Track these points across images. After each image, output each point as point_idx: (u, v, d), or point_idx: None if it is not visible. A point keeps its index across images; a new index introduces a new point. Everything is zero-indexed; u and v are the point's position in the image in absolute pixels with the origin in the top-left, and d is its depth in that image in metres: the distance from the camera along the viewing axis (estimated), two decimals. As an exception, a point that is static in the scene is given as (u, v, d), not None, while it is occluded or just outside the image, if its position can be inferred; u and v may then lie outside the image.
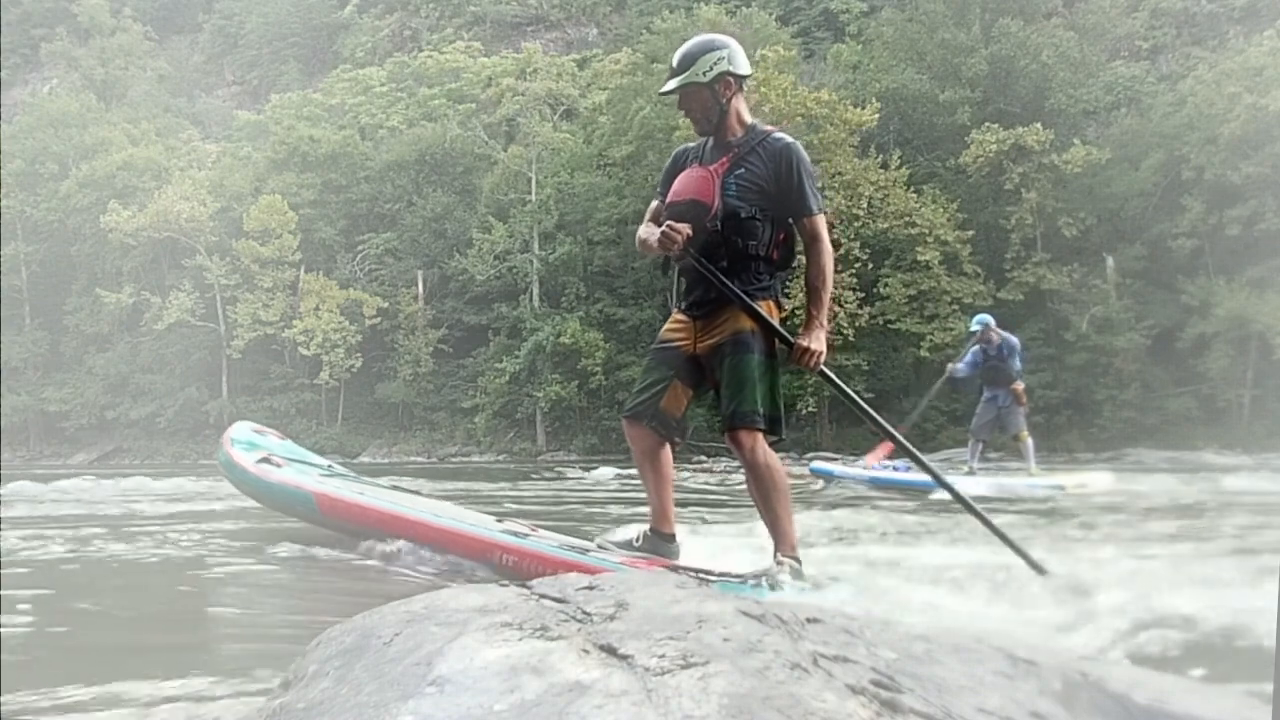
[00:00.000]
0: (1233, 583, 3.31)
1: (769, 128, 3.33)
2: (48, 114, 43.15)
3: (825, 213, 3.27)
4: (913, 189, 28.10)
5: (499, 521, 4.07)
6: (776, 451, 3.25)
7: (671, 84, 3.29)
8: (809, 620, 1.47)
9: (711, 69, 3.24)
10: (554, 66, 38.73)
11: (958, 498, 3.48)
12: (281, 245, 35.75)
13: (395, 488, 5.29)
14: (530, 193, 34.34)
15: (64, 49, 53.03)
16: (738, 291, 3.19)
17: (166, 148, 42.35)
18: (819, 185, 3.48)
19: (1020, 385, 9.77)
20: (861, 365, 27.48)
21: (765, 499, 3.22)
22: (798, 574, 3.16)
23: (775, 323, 3.24)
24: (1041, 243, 27.52)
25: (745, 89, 3.37)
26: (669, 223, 3.21)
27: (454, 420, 34.36)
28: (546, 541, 3.58)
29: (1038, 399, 26.50)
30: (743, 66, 3.30)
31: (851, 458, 16.87)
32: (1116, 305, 26.13)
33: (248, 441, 4.67)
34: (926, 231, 27.04)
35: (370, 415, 35.96)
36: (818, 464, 10.92)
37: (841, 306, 27.23)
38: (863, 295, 27.52)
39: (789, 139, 3.27)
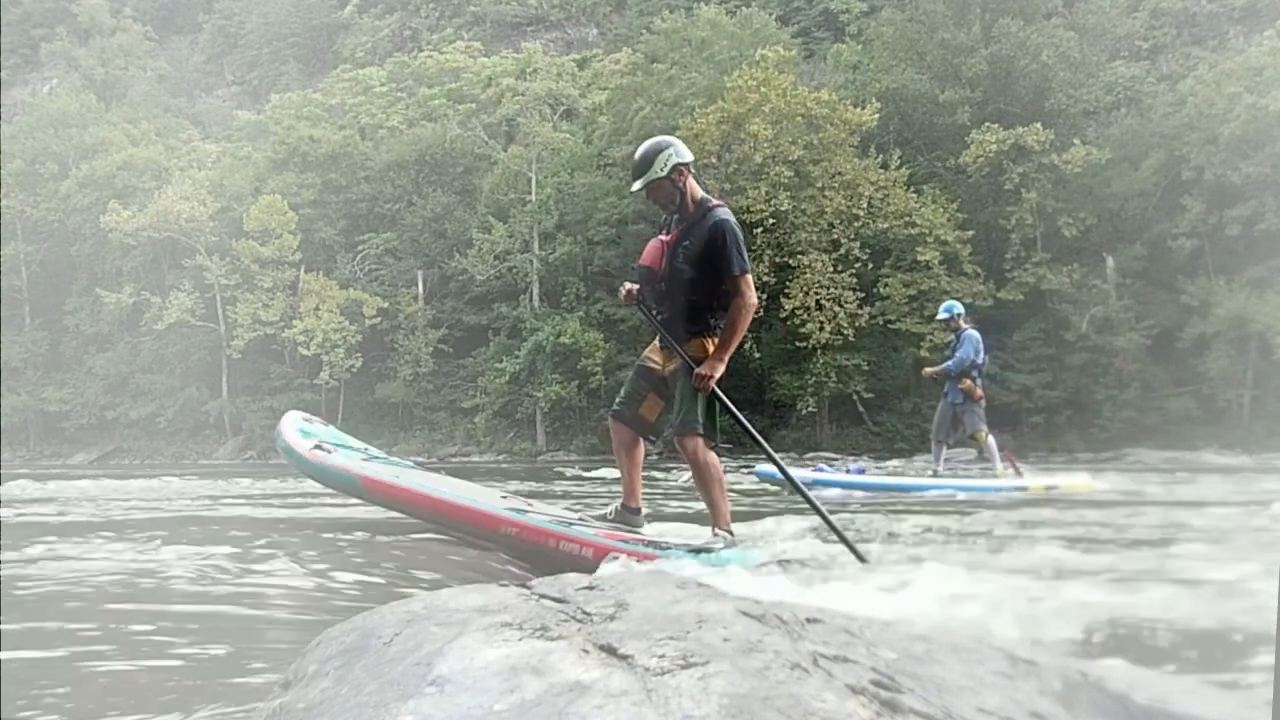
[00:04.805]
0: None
1: (714, 203, 4.16)
2: (48, 114, 43.14)
3: (748, 272, 4.11)
4: (913, 189, 28.06)
5: (503, 497, 5.04)
6: (719, 451, 4.21)
7: (639, 184, 4.14)
8: (809, 620, 1.47)
9: (667, 164, 4.08)
10: (554, 66, 38.71)
11: (799, 490, 4.21)
12: (281, 245, 35.74)
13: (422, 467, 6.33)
14: (530, 193, 34.32)
15: (64, 49, 53.04)
16: (665, 331, 4.19)
17: (166, 148, 42.34)
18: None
19: (969, 382, 9.46)
20: (861, 365, 27.45)
21: (705, 488, 4.19)
22: (729, 544, 4.07)
23: (686, 355, 4.11)
24: (1041, 243, 27.50)
25: (691, 170, 4.20)
26: (625, 284, 4.37)
27: (454, 420, 34.36)
28: (540, 516, 4.30)
29: (1037, 399, 26.55)
30: (687, 156, 4.16)
31: (851, 457, 16.90)
32: (1116, 305, 26.10)
33: (302, 429, 5.32)
34: (926, 231, 27.01)
35: (370, 415, 35.94)
36: (763, 468, 9.62)
37: (841, 306, 27.22)
38: (863, 295, 27.49)
39: (722, 215, 4.09)
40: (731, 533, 4.19)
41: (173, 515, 6.37)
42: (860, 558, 3.82)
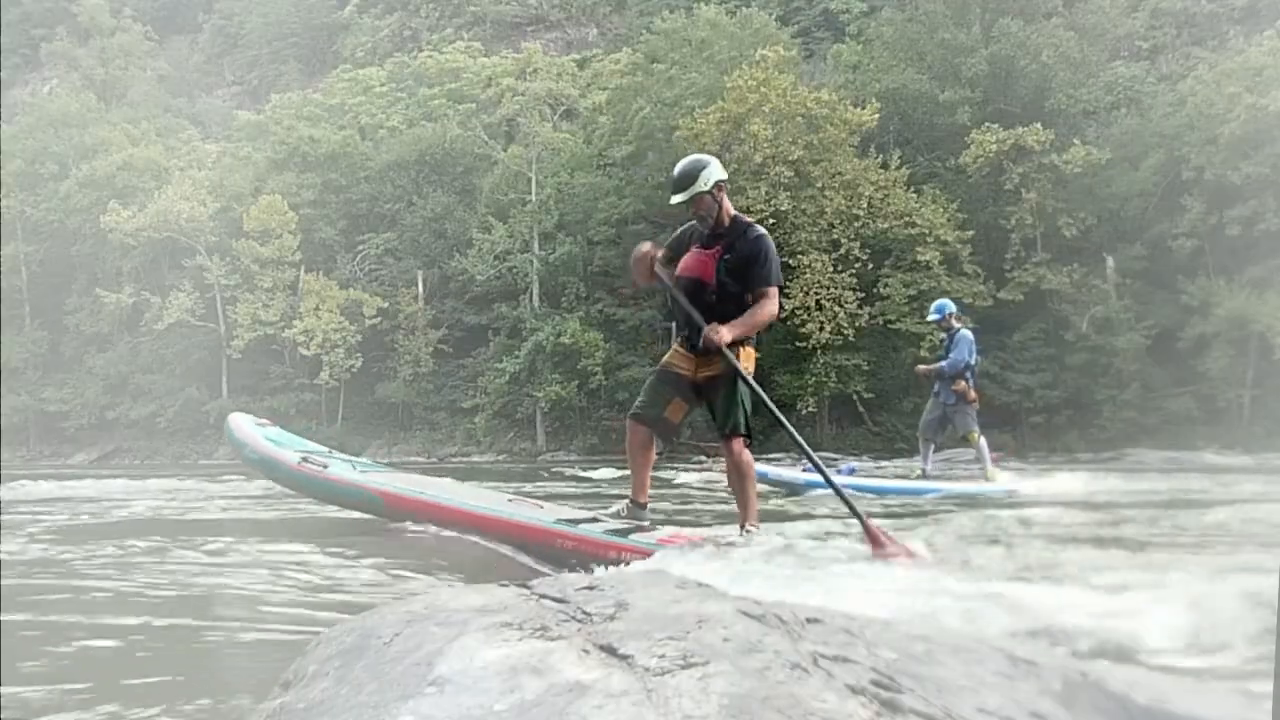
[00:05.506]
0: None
1: (748, 220, 4.50)
2: (48, 114, 43.14)
3: (780, 285, 4.53)
4: (913, 189, 28.03)
5: (510, 500, 5.06)
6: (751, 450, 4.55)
7: (681, 196, 4.38)
8: (809, 620, 1.47)
9: (709, 179, 4.36)
10: (554, 66, 38.66)
11: (824, 476, 4.60)
12: (281, 245, 35.71)
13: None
14: (530, 193, 34.30)
15: (64, 49, 53.02)
16: (688, 304, 4.41)
17: (166, 148, 42.31)
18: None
19: (963, 384, 9.31)
20: (861, 365, 27.43)
21: (741, 485, 4.54)
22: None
23: (719, 344, 4.36)
24: (1041, 243, 27.48)
25: (726, 186, 4.50)
26: (649, 251, 4.57)
27: (454, 420, 34.34)
28: (591, 527, 4.48)
29: (1037, 399, 26.54)
30: (723, 173, 4.46)
31: (853, 456, 16.88)
32: (1116, 305, 26.08)
33: (272, 439, 5.09)
34: (926, 231, 26.98)
35: (370, 415, 35.94)
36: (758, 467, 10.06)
37: (841, 306, 27.20)
38: (863, 295, 27.46)
39: (760, 232, 4.45)
40: (759, 526, 4.49)
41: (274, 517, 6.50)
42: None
